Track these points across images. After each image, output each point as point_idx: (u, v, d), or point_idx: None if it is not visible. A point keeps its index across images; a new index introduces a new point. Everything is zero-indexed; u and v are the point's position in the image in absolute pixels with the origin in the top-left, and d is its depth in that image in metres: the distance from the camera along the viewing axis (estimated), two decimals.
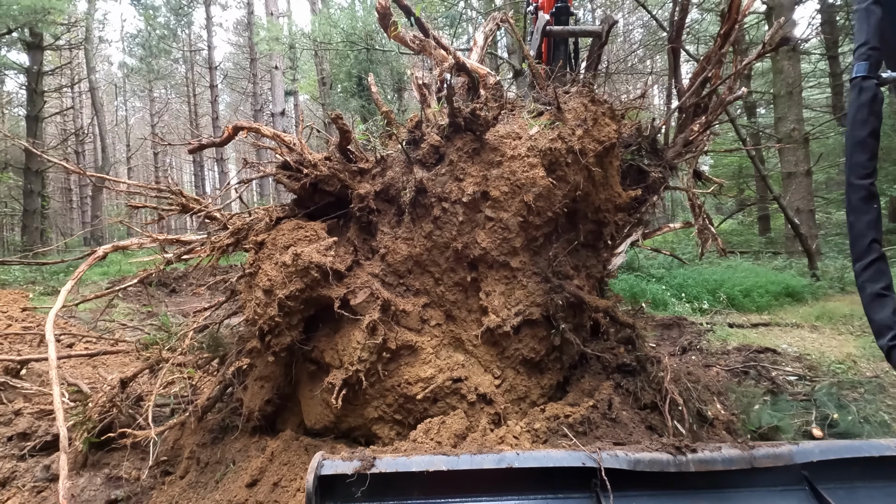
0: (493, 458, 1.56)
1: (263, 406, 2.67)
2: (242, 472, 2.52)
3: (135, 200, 2.97)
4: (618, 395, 2.60)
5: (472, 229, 2.51)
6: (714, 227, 3.83)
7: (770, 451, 1.55)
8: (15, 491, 2.69)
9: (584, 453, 1.56)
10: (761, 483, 1.55)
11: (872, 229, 1.30)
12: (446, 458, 1.54)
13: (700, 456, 1.56)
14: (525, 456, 1.56)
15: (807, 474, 1.53)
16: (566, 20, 3.78)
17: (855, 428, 2.81)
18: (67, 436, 2.72)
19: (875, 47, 1.30)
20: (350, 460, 1.52)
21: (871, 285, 1.28)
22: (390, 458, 1.56)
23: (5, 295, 4.41)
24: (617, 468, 1.52)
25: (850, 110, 1.32)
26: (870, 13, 1.31)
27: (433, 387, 2.49)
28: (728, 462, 1.54)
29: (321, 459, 1.54)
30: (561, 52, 3.97)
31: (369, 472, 1.48)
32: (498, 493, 1.55)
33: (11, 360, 3.16)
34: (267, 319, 2.34)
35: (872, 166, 1.30)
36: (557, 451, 1.64)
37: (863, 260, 1.30)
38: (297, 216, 2.64)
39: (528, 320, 2.62)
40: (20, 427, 3.10)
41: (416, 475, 1.51)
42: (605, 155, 2.66)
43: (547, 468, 1.55)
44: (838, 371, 3.96)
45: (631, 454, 1.58)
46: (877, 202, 1.32)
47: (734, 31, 3.34)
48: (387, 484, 1.50)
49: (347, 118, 16.73)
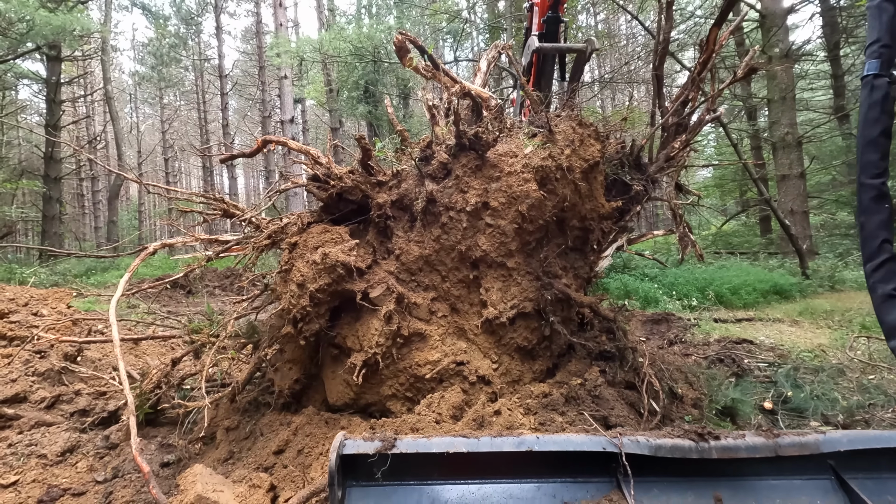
0: (513, 441, 1.54)
1: (292, 385, 3.10)
2: (271, 442, 2.93)
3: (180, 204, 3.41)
4: (601, 377, 3.01)
5: (475, 234, 2.94)
6: (693, 234, 4.22)
7: (795, 439, 1.51)
8: (81, 457, 3.13)
9: (605, 438, 1.54)
10: (786, 472, 1.51)
11: (884, 229, 1.27)
12: (466, 440, 1.54)
13: (723, 443, 1.52)
14: (545, 440, 1.54)
15: (833, 464, 1.49)
16: (556, 29, 4.01)
17: (805, 403, 3.21)
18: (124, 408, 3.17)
19: (887, 45, 1.27)
20: (371, 440, 1.55)
21: (882, 286, 1.26)
22: (411, 438, 1.57)
23: (52, 293, 4.87)
24: (638, 453, 1.50)
25: (862, 109, 1.29)
26: (882, 10, 1.28)
27: (439, 368, 2.91)
28: (752, 450, 1.50)
29: (343, 439, 1.56)
30: (549, 63, 4.27)
31: (390, 452, 1.50)
32: (517, 476, 1.55)
33: (75, 341, 3.61)
34: (300, 309, 2.78)
35: (884, 166, 1.27)
36: (578, 436, 1.62)
37: (874, 260, 1.27)
38: (323, 221, 3.08)
39: (522, 313, 3.04)
40: (80, 405, 3.55)
41: (435, 456, 1.52)
42: (590, 171, 3.09)
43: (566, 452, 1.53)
44: (806, 359, 4.34)
45: (652, 440, 1.55)
46: (888, 202, 1.29)
47: (711, 59, 3.74)
48: (407, 464, 1.51)
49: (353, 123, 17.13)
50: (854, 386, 3.75)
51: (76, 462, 3.09)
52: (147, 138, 36.82)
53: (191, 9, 28.15)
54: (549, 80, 4.41)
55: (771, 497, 1.48)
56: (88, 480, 2.90)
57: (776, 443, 1.49)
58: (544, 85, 4.35)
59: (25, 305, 4.49)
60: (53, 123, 17.22)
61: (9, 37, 8.61)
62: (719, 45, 3.70)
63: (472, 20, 13.58)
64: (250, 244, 2.98)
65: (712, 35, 3.61)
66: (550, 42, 3.96)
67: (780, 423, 3.15)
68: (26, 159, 23.66)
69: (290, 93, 16.05)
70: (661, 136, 4.09)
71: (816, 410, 3.26)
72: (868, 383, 3.75)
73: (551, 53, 4.03)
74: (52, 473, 2.97)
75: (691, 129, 3.97)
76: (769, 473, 1.51)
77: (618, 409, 2.79)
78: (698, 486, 1.50)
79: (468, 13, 14.19)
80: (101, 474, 2.95)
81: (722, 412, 3.02)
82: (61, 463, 3.09)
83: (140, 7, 25.29)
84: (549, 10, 3.91)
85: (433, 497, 1.53)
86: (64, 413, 3.50)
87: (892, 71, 1.28)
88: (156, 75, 29.37)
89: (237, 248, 3.40)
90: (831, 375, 3.85)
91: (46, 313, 4.49)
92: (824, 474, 1.49)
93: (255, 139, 3.16)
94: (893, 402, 3.39)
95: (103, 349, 4.37)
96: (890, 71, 1.27)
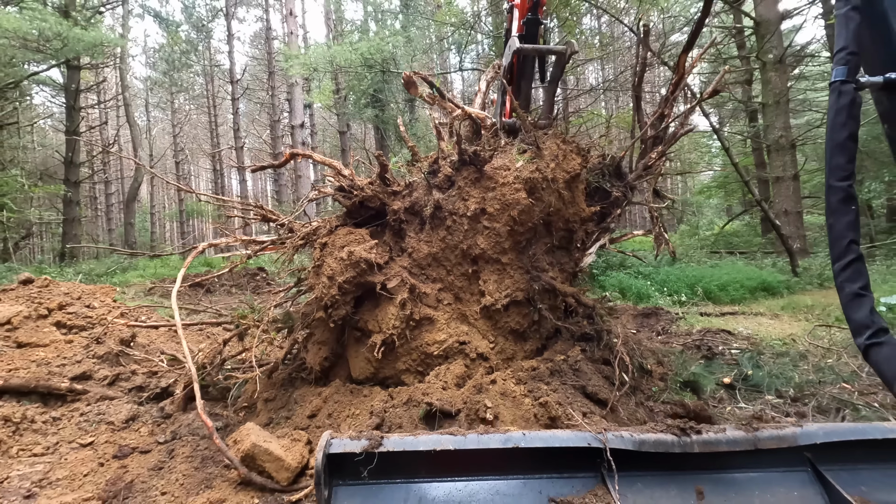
0: (499, 438, 1.57)
1: (322, 362, 3.66)
2: (305, 409, 3.49)
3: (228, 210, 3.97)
4: (581, 354, 3.54)
5: (474, 235, 3.49)
6: (667, 234, 4.74)
7: (774, 433, 1.55)
8: (141, 424, 3.71)
9: (590, 434, 1.57)
10: (765, 464, 1.55)
11: (851, 230, 1.30)
12: (453, 437, 1.57)
13: (704, 437, 1.56)
14: (531, 436, 1.57)
15: (810, 456, 1.53)
16: (535, 31, 4.02)
17: (763, 381, 3.72)
18: (174, 384, 3.74)
19: (853, 52, 1.32)
20: (358, 439, 1.55)
21: (849, 285, 1.29)
22: (397, 437, 1.58)
23: (98, 289, 5.47)
24: (622, 448, 1.54)
25: (830, 114, 1.34)
26: (848, 19, 1.34)
27: (445, 347, 3.46)
28: (732, 443, 1.54)
29: (329, 438, 1.55)
30: (529, 65, 4.31)
31: (377, 450, 1.50)
32: (503, 473, 1.57)
33: (141, 326, 4.19)
34: (329, 297, 3.34)
35: (851, 169, 1.32)
36: (563, 432, 1.65)
37: (842, 260, 1.31)
38: (348, 225, 3.64)
39: (514, 301, 3.58)
40: (137, 382, 4.14)
41: (422, 454, 1.53)
42: (572, 181, 3.63)
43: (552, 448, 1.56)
44: (775, 345, 4.85)
45: (636, 435, 1.58)
46: (855, 204, 1.33)
47: (682, 81, 4.25)
48: (394, 462, 1.53)
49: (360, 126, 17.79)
50: (811, 368, 4.26)
51: (138, 428, 3.67)
52: (157, 142, 37.69)
53: (201, 15, 28.91)
54: (530, 82, 4.49)
55: (750, 489, 1.52)
56: (151, 442, 3.48)
57: (755, 436, 1.53)
58: (524, 86, 4.41)
59: (79, 299, 5.09)
60: (73, 129, 17.96)
61: (45, 52, 9.29)
62: (689, 69, 4.21)
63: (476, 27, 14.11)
64: (287, 244, 3.55)
65: (682, 60, 4.12)
66: (530, 44, 3.98)
67: (738, 396, 3.67)
68: (42, 163, 24.54)
69: (300, 98, 16.68)
70: (640, 148, 4.60)
71: (771, 386, 3.78)
72: (824, 366, 4.25)
73: (531, 55, 4.06)
74: (120, 436, 3.55)
75: (666, 141, 4.48)
76: (749, 466, 1.55)
77: (594, 381, 3.33)
78: (681, 479, 1.54)
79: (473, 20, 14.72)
80: (161, 437, 3.53)
81: (684, 385, 3.54)
82: (126, 429, 3.67)
83: (153, 15, 26.05)
84: (529, 13, 3.93)
85: (420, 495, 1.54)
86: (123, 389, 4.09)
87: (857, 77, 1.33)
88: (167, 80, 30.16)
89: (271, 248, 3.97)
90: (793, 359, 4.36)
91: (97, 305, 5.09)
92: (801, 466, 1.54)
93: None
94: (840, 380, 3.90)
95: (149, 336, 4.96)
96: (856, 77, 1.32)
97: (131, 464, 3.15)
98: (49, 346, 4.30)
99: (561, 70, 4.14)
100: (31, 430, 3.47)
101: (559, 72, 4.14)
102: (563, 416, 2.85)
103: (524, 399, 3.01)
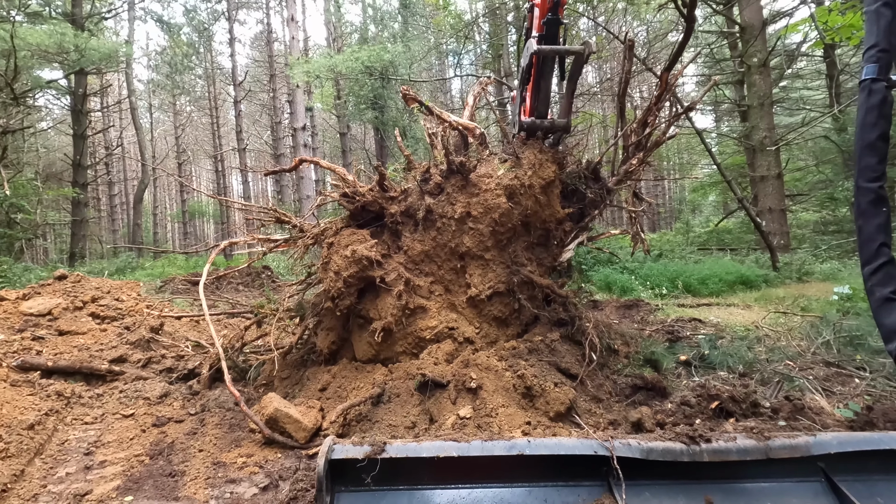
0: (504, 445, 1.54)
1: (330, 346, 4.21)
2: (316, 384, 4.02)
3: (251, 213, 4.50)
4: (557, 336, 4.08)
5: (461, 235, 4.02)
6: (644, 233, 5.25)
7: (786, 442, 1.51)
8: (173, 400, 4.25)
9: (597, 441, 1.54)
10: (776, 474, 1.51)
11: (882, 233, 1.25)
12: (457, 444, 1.55)
13: (714, 446, 1.52)
14: (536, 444, 1.54)
15: (823, 466, 1.48)
16: (555, 32, 3.99)
17: (717, 359, 4.25)
18: (200, 366, 4.27)
19: (885, 49, 1.26)
20: (361, 445, 1.54)
21: (879, 289, 1.24)
22: (400, 443, 1.57)
23: (123, 284, 6.01)
24: (629, 457, 1.50)
25: (860, 113, 1.28)
26: (879, 15, 1.27)
27: (436, 332, 4.00)
28: (743, 452, 1.50)
29: (332, 444, 1.52)
30: (548, 65, 4.29)
31: (379, 457, 1.48)
32: (508, 481, 1.54)
33: (172, 316, 4.74)
34: (336, 290, 3.88)
35: (882, 169, 1.27)
36: (569, 440, 1.63)
37: (871, 264, 1.26)
38: (351, 226, 4.18)
39: (497, 292, 4.12)
40: (167, 365, 4.69)
41: (425, 461, 1.51)
42: (548, 187, 4.16)
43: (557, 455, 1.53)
44: (738, 331, 5.39)
45: (644, 443, 1.54)
46: (886, 206, 1.28)
47: (664, 94, 4.67)
48: (396, 469, 1.51)
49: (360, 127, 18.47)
50: (764, 349, 4.80)
51: (171, 403, 4.21)
52: (159, 143, 38.21)
53: (203, 19, 29.39)
54: (549, 82, 4.44)
55: (762, 499, 1.47)
56: (184, 413, 4.02)
57: (767, 445, 1.49)
58: (543, 86, 4.39)
59: (108, 293, 5.63)
60: (81, 133, 18.48)
61: (62, 63, 9.80)
62: (672, 84, 4.63)
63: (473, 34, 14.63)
64: (299, 243, 4.09)
65: (664, 77, 4.56)
66: (550, 44, 3.95)
67: (693, 372, 4.20)
68: (48, 165, 25.08)
69: (302, 102, 17.20)
70: (623, 154, 5.04)
71: (724, 364, 4.31)
72: (775, 347, 4.79)
73: (550, 55, 4.00)
74: (156, 409, 4.09)
75: (648, 148, 4.95)
76: (760, 476, 1.51)
77: (567, 358, 3.87)
78: (689, 489, 1.50)
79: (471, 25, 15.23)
80: (192, 409, 4.07)
81: (646, 362, 4.08)
82: (160, 403, 4.21)
83: (155, 19, 26.55)
84: (549, 13, 3.89)
85: (423, 502, 1.52)
86: (154, 371, 4.63)
87: (889, 75, 1.28)
88: (170, 83, 30.66)
89: (283, 246, 4.51)
90: (750, 342, 4.90)
91: (125, 299, 5.63)
92: (815, 476, 1.49)
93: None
94: (785, 358, 4.44)
95: (174, 325, 5.51)
96: (887, 75, 1.28)
97: (169, 430, 3.69)
98: (87, 333, 4.84)
99: (579, 69, 4.18)
100: (80, 404, 4.02)
101: (577, 71, 4.18)
102: (537, 385, 3.39)
103: (505, 372, 3.54)
